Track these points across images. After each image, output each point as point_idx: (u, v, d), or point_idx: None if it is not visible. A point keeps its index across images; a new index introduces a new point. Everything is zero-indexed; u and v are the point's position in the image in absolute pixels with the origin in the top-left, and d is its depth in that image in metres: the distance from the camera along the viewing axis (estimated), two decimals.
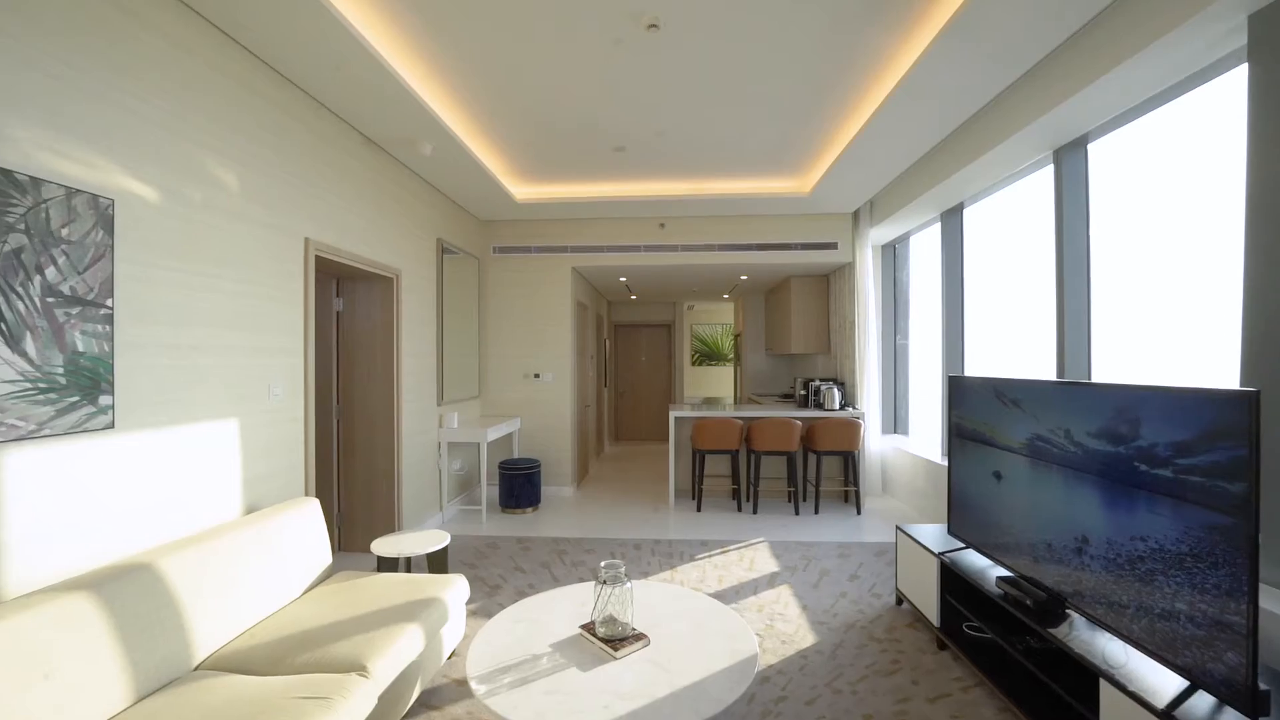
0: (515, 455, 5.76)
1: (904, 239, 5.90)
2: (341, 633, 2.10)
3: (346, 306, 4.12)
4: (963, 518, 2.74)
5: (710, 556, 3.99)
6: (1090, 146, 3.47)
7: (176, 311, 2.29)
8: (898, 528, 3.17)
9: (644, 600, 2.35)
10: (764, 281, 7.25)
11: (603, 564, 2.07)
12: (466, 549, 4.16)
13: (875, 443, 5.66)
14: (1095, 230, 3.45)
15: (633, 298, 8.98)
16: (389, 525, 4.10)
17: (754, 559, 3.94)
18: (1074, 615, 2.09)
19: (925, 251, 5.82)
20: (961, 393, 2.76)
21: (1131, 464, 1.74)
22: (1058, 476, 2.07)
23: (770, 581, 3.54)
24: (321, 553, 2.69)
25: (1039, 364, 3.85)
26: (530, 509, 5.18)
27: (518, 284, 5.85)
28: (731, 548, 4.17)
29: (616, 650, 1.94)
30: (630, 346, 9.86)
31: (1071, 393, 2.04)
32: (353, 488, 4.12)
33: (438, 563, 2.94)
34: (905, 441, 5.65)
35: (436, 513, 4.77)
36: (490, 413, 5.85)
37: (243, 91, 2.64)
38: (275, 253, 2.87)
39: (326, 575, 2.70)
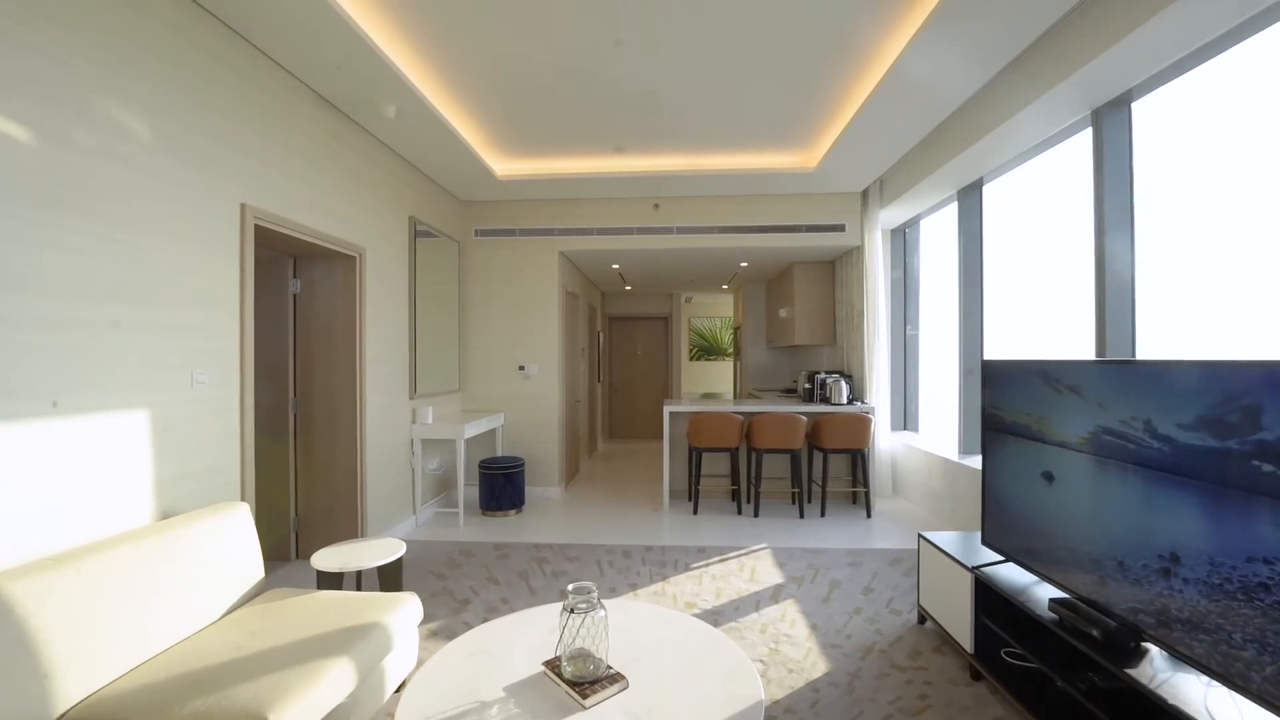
0: (499, 453, 5.36)
1: (914, 223, 5.50)
2: (250, 670, 1.71)
3: (305, 288, 3.72)
4: (1001, 526, 2.34)
5: (707, 565, 3.59)
6: (1134, 105, 3.08)
7: (61, 280, 1.89)
8: (920, 536, 2.77)
9: (625, 626, 1.95)
10: (765, 269, 6.85)
11: (570, 588, 1.67)
12: (438, 556, 3.77)
13: (885, 440, 5.26)
14: (1139, 197, 3.06)
15: (627, 289, 8.58)
16: (351, 530, 3.70)
17: (756, 568, 3.55)
18: (1153, 650, 1.70)
19: (936, 236, 5.43)
20: (998, 379, 2.36)
21: (1248, 463, 1.34)
22: (1134, 479, 1.68)
23: (774, 595, 3.14)
24: (250, 566, 2.29)
25: (1069, 348, 3.46)
26: (513, 511, 4.78)
27: (502, 269, 5.45)
28: (731, 555, 3.78)
29: (585, 696, 1.55)
30: (625, 340, 9.46)
31: (1153, 374, 1.64)
32: (312, 489, 3.72)
33: (390, 578, 2.54)
34: (916, 438, 5.25)
35: (409, 515, 4.37)
36: (472, 408, 5.45)
37: (154, 24, 2.24)
38: (200, 217, 2.46)
39: (256, 593, 2.30)
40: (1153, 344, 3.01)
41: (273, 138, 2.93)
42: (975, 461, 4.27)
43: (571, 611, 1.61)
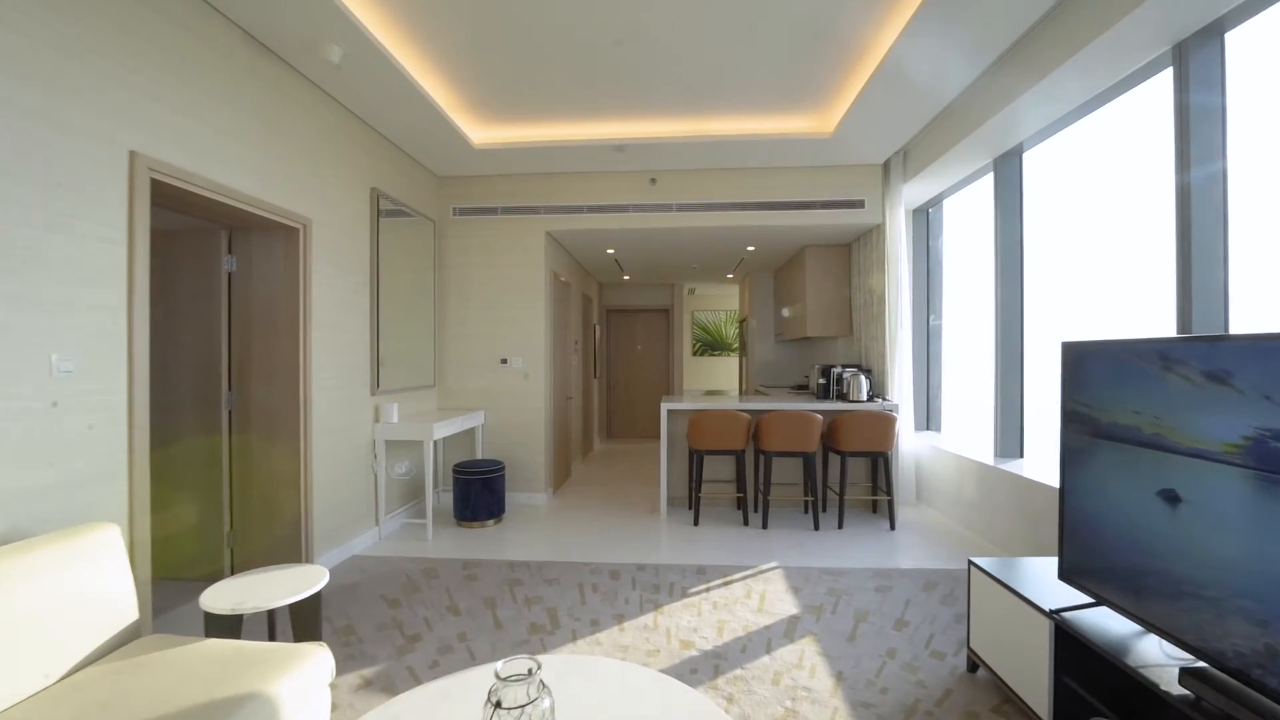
0: (479, 455, 4.84)
1: (936, 202, 4.95)
2: None
3: (241, 266, 3.21)
4: (1090, 558, 1.79)
5: (708, 590, 3.06)
6: (1228, 35, 2.53)
7: None
8: (971, 563, 2.23)
9: (588, 700, 1.42)
10: (773, 255, 6.29)
11: (499, 667, 1.13)
12: (396, 577, 3.25)
13: (908, 441, 4.71)
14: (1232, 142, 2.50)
15: (625, 278, 8.04)
16: (295, 545, 3.19)
17: (765, 593, 3.01)
18: None
19: (962, 217, 4.87)
20: (1087, 367, 1.81)
21: None
22: None
23: (788, 631, 2.60)
24: (117, 606, 1.77)
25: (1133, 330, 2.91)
26: (491, 522, 4.26)
27: (483, 252, 4.92)
28: (736, 577, 3.24)
29: None
30: (624, 334, 8.92)
31: None
32: (249, 497, 3.21)
33: (305, 619, 2.02)
34: (943, 439, 4.69)
35: (370, 528, 3.86)
36: (449, 405, 4.93)
37: None
38: (66, 162, 1.94)
39: (126, 639, 1.78)
40: (1252, 316, 2.46)
41: (184, 79, 2.41)
42: (1015, 466, 3.72)
43: (497, 705, 1.08)
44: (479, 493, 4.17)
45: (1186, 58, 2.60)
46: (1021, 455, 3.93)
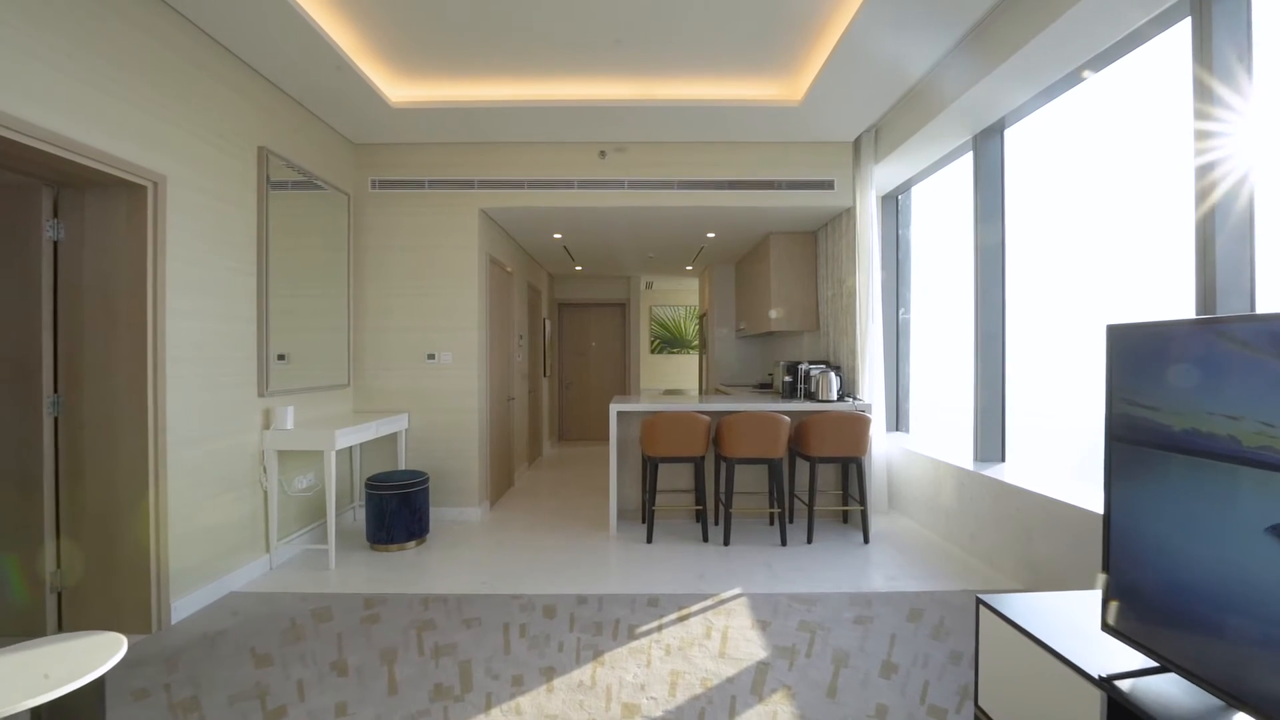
0: (402, 466, 4.21)
1: (905, 189, 4.61)
2: None
3: (71, 234, 2.52)
4: (1153, 608, 1.37)
5: (661, 628, 2.56)
6: None
7: None
8: (980, 602, 1.79)
9: None
10: (735, 244, 5.86)
11: None
12: (275, 622, 2.62)
13: (880, 444, 4.33)
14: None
15: (578, 269, 7.49)
16: (141, 590, 2.53)
17: (728, 631, 2.53)
18: None
19: (932, 204, 4.55)
20: (1152, 357, 1.39)
21: None
22: None
23: (756, 684, 2.12)
24: None
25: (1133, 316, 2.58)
26: (412, 544, 3.65)
27: (407, 231, 4.29)
28: (694, 609, 2.75)
29: None
30: (578, 329, 8.36)
31: None
32: (80, 530, 2.53)
33: (75, 716, 1.41)
34: (916, 441, 4.34)
35: (258, 556, 3.20)
36: (367, 407, 4.28)
37: None
38: None
39: None
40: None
41: None
42: (997, 471, 3.37)
43: None
44: (395, 510, 3.56)
45: (1208, 2, 2.25)
46: (1003, 459, 3.59)
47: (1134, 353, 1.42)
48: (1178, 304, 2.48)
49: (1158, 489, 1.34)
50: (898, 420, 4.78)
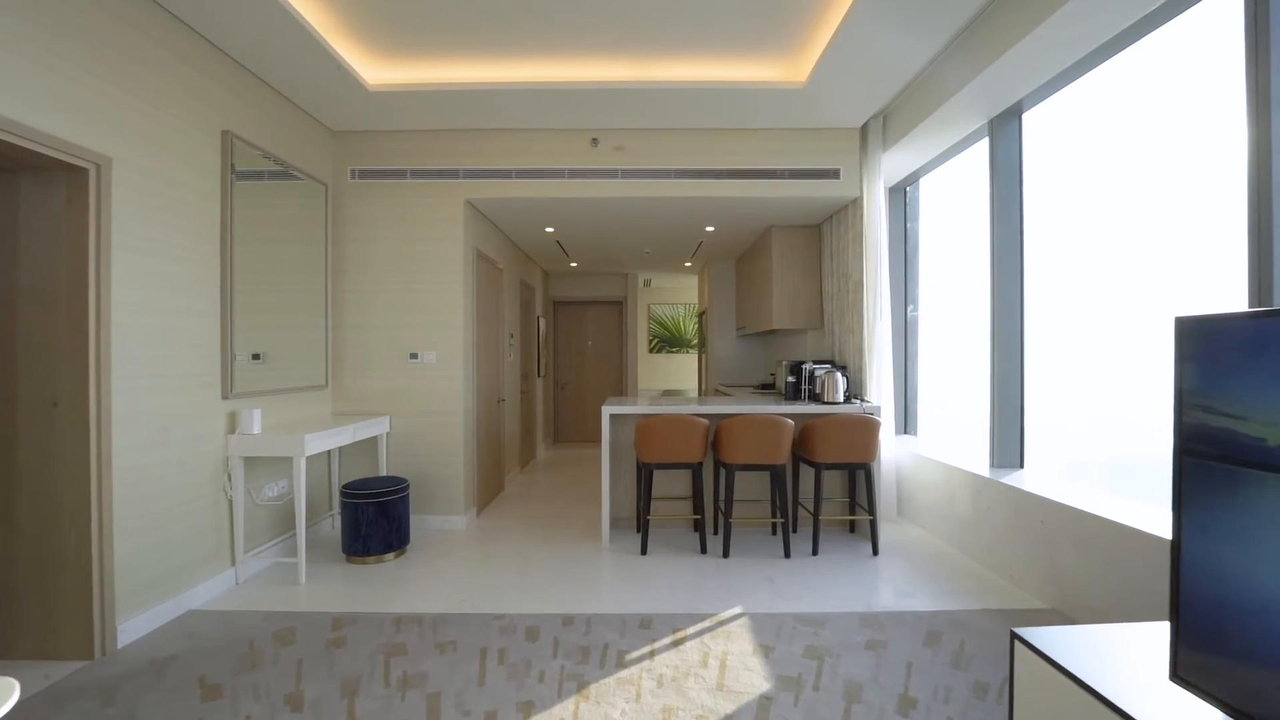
0: (384, 472, 3.98)
1: (914, 180, 4.38)
2: None
3: (4, 221, 2.30)
4: (1237, 659, 1.14)
5: (653, 655, 2.33)
6: None
7: None
8: (1016, 637, 1.55)
9: None
10: (736, 239, 5.62)
11: None
12: (233, 646, 2.39)
13: (889, 448, 4.10)
14: None
15: (573, 265, 7.26)
16: (83, 610, 2.30)
17: (726, 657, 2.30)
18: None
19: (942, 196, 4.32)
20: (1239, 357, 1.15)
21: None
22: None
23: None
24: None
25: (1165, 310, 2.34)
26: (390, 555, 3.42)
27: (388, 224, 4.06)
28: (689, 631, 2.52)
29: None
30: (574, 328, 8.13)
31: None
32: (13, 547, 2.30)
33: None
34: (927, 446, 4.11)
35: (223, 570, 2.98)
36: (346, 409, 4.05)
37: None
38: None
39: None
40: None
41: None
42: (1015, 479, 3.13)
43: None
44: (372, 520, 3.33)
45: None
46: (1022, 466, 3.36)
47: (1213, 351, 1.18)
48: (1221, 296, 2.25)
49: (1248, 515, 1.11)
50: (905, 423, 4.55)
